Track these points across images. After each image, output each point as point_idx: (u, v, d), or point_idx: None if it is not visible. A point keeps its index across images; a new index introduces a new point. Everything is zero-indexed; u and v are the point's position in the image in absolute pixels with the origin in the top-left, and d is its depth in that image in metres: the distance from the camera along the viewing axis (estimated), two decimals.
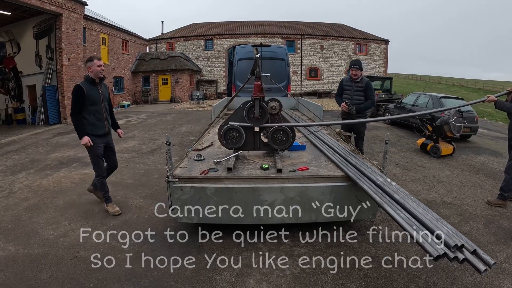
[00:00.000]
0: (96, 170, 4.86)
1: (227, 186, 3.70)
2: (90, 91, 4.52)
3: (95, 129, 4.65)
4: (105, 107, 4.78)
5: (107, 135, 4.91)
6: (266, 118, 4.37)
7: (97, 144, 4.68)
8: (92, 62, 4.52)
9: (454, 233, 2.62)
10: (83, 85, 4.49)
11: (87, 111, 4.56)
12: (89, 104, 4.54)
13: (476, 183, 6.36)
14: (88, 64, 4.57)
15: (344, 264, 3.49)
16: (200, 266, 3.48)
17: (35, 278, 3.30)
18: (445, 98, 11.81)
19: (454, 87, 52.69)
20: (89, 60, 4.59)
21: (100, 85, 4.70)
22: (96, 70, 4.53)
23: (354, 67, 5.92)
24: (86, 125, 4.60)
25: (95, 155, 4.75)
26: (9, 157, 8.72)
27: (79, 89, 4.46)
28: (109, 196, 4.96)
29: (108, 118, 4.88)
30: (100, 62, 4.59)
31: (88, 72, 4.60)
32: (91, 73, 4.54)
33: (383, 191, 3.36)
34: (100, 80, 4.67)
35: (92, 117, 4.61)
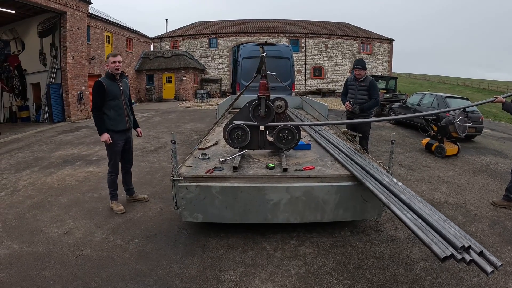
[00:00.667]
0: (110, 166, 4.86)
1: (232, 185, 3.69)
2: (110, 87, 4.56)
3: (115, 124, 4.67)
4: (125, 103, 4.79)
5: (128, 130, 4.93)
6: (272, 117, 4.35)
7: (116, 141, 4.72)
8: (108, 59, 4.61)
9: (461, 234, 2.60)
10: (103, 81, 4.54)
11: (108, 106, 4.59)
12: (110, 99, 4.57)
13: (481, 184, 6.32)
14: (106, 61, 4.66)
15: (350, 264, 3.48)
16: (205, 265, 3.47)
17: (39, 276, 3.29)
18: (450, 98, 11.75)
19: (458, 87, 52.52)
20: (107, 56, 4.67)
21: (121, 80, 4.73)
22: (111, 67, 4.57)
23: (357, 67, 5.90)
24: (106, 121, 4.63)
25: (113, 152, 4.79)
26: (13, 155, 8.75)
27: (99, 85, 4.51)
28: (115, 194, 4.96)
29: (129, 114, 4.90)
30: (115, 58, 4.60)
31: (106, 67, 4.70)
32: (110, 69, 4.61)
33: (389, 191, 3.34)
34: (120, 75, 4.72)
35: (112, 112, 4.63)
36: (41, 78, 16.11)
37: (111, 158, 4.83)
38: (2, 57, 17.19)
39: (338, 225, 4.30)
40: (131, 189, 5.24)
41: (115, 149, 4.77)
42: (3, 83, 17.30)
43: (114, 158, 4.83)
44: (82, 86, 16.40)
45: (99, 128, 4.62)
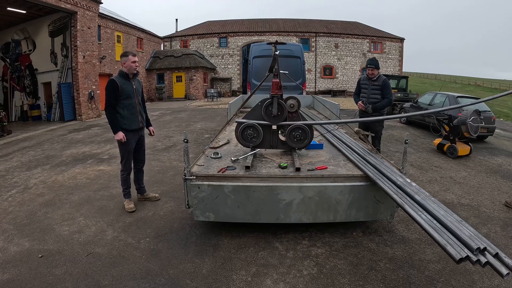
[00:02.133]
0: (123, 165, 4.85)
1: (245, 184, 3.67)
2: (124, 86, 4.54)
3: (128, 123, 4.66)
4: (139, 102, 4.78)
5: (141, 130, 4.92)
6: (284, 116, 4.32)
7: (129, 140, 4.70)
8: (126, 58, 4.54)
9: (476, 236, 2.56)
10: (116, 80, 4.51)
11: (121, 105, 4.58)
12: (123, 98, 4.56)
13: (493, 185, 6.23)
14: (123, 59, 4.59)
15: (362, 265, 3.44)
16: (216, 265, 3.46)
17: (50, 274, 3.30)
18: (461, 98, 11.62)
19: (470, 86, 51.99)
20: (124, 55, 4.60)
21: (134, 80, 4.71)
22: (130, 66, 4.56)
23: (370, 67, 5.87)
24: (120, 120, 4.62)
25: (126, 150, 4.77)
26: (25, 153, 8.82)
27: (113, 83, 4.48)
28: (128, 192, 4.96)
29: (142, 113, 4.89)
30: (135, 58, 4.60)
31: (122, 67, 4.61)
32: (125, 68, 4.57)
33: (403, 191, 3.30)
34: (134, 75, 4.69)
35: (125, 112, 4.61)
36: (52, 77, 16.25)
37: (124, 157, 4.82)
38: (14, 57, 17.37)
39: (350, 225, 4.26)
40: (142, 188, 5.21)
41: (128, 148, 4.76)
42: (14, 82, 17.52)
43: (127, 157, 4.81)
44: (93, 85, 16.52)
45: (113, 127, 4.60)
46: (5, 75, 17.79)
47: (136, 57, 4.65)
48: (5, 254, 3.68)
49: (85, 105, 15.89)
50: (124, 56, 4.59)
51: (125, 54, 4.60)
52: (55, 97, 16.00)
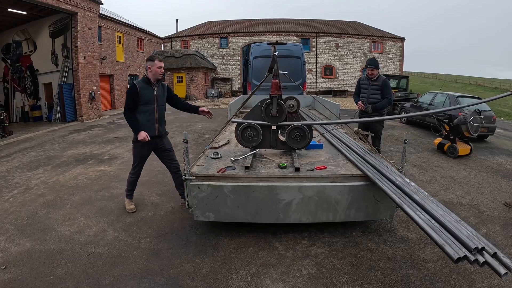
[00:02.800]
0: (133, 168, 4.78)
1: (244, 184, 3.68)
2: (144, 91, 4.35)
3: (144, 130, 4.42)
4: (158, 109, 4.54)
5: (157, 138, 4.64)
6: (284, 116, 4.33)
7: (144, 145, 4.51)
8: (153, 62, 4.36)
9: (474, 235, 2.57)
10: (137, 84, 4.34)
11: (139, 110, 4.42)
12: (142, 103, 4.39)
13: (493, 185, 6.23)
14: (149, 63, 4.39)
15: (361, 265, 3.45)
16: (216, 265, 3.47)
17: (51, 274, 3.32)
18: (462, 97, 11.61)
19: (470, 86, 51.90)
20: (150, 59, 4.41)
21: (157, 85, 4.50)
22: (156, 72, 4.38)
23: (370, 67, 5.88)
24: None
25: (139, 155, 4.67)
26: (26, 154, 8.84)
27: (133, 88, 4.34)
28: (131, 194, 4.94)
29: (161, 121, 4.66)
30: (161, 63, 4.44)
31: (147, 71, 4.42)
32: (150, 73, 4.38)
33: (402, 191, 3.31)
34: (158, 80, 4.48)
35: (142, 117, 4.43)
36: (53, 78, 16.29)
37: (135, 161, 4.73)
38: (14, 58, 17.42)
39: (350, 225, 4.28)
40: None
41: (141, 153, 4.65)
42: (15, 83, 17.56)
43: (139, 161, 4.71)
44: (94, 86, 16.55)
45: (134, 128, 4.44)
46: (6, 76, 17.83)
47: (163, 62, 4.50)
48: (6, 254, 3.70)
49: (86, 105, 15.92)
50: (150, 61, 4.39)
51: (152, 58, 4.42)
52: (56, 98, 16.02)
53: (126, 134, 11.54)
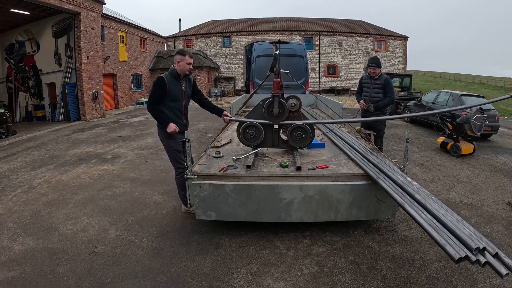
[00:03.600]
0: (176, 166, 4.45)
1: (246, 183, 3.68)
2: (172, 86, 4.17)
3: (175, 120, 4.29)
4: (185, 104, 4.43)
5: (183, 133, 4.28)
6: (286, 115, 4.32)
7: (177, 139, 4.35)
8: (183, 57, 4.16)
9: (476, 235, 2.55)
10: (166, 78, 4.14)
11: (167, 106, 4.23)
12: (170, 99, 4.22)
13: (496, 184, 6.20)
14: (178, 57, 4.18)
15: (363, 264, 3.45)
16: (217, 263, 3.48)
17: (53, 272, 3.34)
18: (465, 96, 11.56)
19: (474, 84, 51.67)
20: (181, 53, 4.20)
21: (184, 80, 4.33)
22: (184, 67, 4.18)
23: (372, 65, 5.87)
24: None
25: (174, 150, 4.39)
26: (29, 153, 8.90)
27: (161, 81, 4.13)
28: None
29: (187, 116, 4.56)
30: (191, 60, 4.23)
31: (175, 64, 4.22)
32: (178, 67, 4.19)
33: (404, 190, 3.30)
34: (185, 75, 4.29)
35: (171, 113, 4.27)
36: (56, 77, 16.37)
37: (173, 157, 4.42)
38: (18, 58, 17.48)
39: (351, 224, 4.27)
40: None
41: (176, 147, 4.38)
42: (19, 83, 17.63)
43: (177, 155, 4.40)
44: (97, 85, 16.60)
45: (162, 120, 4.24)
46: (9, 76, 17.92)
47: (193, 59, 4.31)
48: (9, 252, 3.72)
49: (89, 105, 15.97)
50: (181, 54, 4.18)
51: (183, 52, 4.21)
52: (59, 98, 16.10)
53: (129, 134, 11.58)
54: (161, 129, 4.33)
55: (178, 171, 4.43)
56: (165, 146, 4.48)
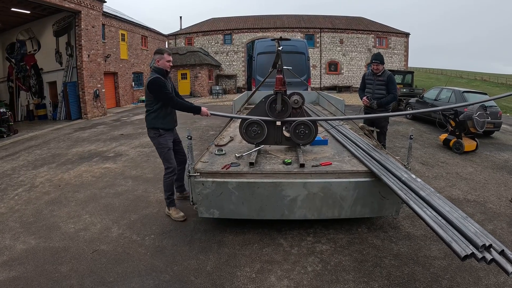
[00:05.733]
0: (166, 165, 4.43)
1: (249, 181, 3.66)
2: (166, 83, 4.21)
3: (166, 122, 4.34)
4: None
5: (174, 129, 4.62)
6: (288, 112, 4.30)
7: (167, 138, 4.39)
8: (162, 55, 4.21)
9: (481, 233, 2.53)
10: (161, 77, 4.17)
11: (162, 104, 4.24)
12: None
13: (500, 181, 6.16)
14: (157, 56, 4.24)
15: (367, 262, 3.43)
16: (221, 262, 3.46)
17: (55, 271, 3.33)
18: (468, 93, 11.51)
19: (476, 81, 51.50)
20: (159, 52, 4.26)
21: (168, 78, 4.38)
22: (165, 65, 4.23)
23: (375, 62, 5.82)
24: (157, 119, 4.30)
25: (166, 150, 4.39)
26: (31, 152, 8.89)
27: (160, 80, 4.12)
28: (173, 199, 4.63)
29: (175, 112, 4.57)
30: (170, 57, 4.31)
31: (155, 64, 4.27)
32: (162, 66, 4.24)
33: (408, 187, 3.27)
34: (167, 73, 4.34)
35: (164, 110, 4.29)
36: (57, 76, 16.36)
37: (165, 157, 4.40)
38: (19, 57, 17.48)
39: (355, 221, 4.24)
40: (182, 186, 5.01)
41: (167, 146, 4.40)
42: (20, 82, 17.64)
43: (168, 154, 4.41)
44: (98, 84, 16.58)
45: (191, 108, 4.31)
46: (10, 75, 17.93)
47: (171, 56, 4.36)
48: (12, 252, 3.71)
49: (90, 103, 15.95)
50: (159, 53, 4.24)
51: (161, 51, 4.27)
52: (61, 96, 16.09)
53: (130, 132, 11.56)
54: (151, 129, 4.39)
55: (167, 171, 4.45)
56: (156, 144, 4.48)
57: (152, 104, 4.27)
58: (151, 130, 4.39)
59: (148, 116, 4.36)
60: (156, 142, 4.43)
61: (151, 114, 4.31)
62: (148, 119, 4.37)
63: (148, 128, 4.43)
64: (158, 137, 4.36)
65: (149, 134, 4.47)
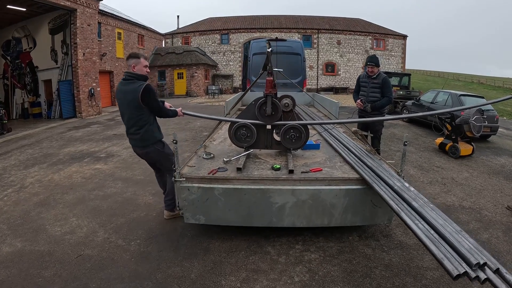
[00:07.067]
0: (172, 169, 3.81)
1: (235, 187, 3.54)
2: None
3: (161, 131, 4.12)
4: None
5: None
6: (279, 115, 4.18)
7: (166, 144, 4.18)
8: (138, 60, 3.84)
9: (476, 249, 2.41)
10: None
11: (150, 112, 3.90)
12: None
13: (496, 187, 6.08)
14: (133, 61, 3.83)
15: (356, 272, 3.32)
16: (205, 269, 3.37)
17: (39, 276, 3.26)
18: (464, 96, 11.44)
19: (473, 84, 51.45)
20: (134, 57, 3.87)
21: None
22: (142, 71, 3.86)
23: (370, 64, 5.72)
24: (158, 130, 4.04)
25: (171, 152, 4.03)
26: (23, 151, 8.81)
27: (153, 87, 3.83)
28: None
29: None
30: (147, 62, 3.97)
31: (131, 69, 3.84)
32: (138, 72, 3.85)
33: (400, 197, 3.15)
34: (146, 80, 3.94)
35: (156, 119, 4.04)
36: (52, 74, 16.25)
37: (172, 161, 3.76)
38: (14, 54, 17.38)
39: (346, 229, 4.13)
40: None
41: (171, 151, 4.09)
42: (15, 80, 17.53)
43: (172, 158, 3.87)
44: (93, 83, 16.47)
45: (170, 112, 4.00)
46: (6, 72, 17.82)
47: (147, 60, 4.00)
48: None
49: (85, 102, 15.84)
50: (134, 58, 3.86)
51: (137, 55, 3.90)
52: (56, 95, 15.99)
53: (123, 132, 11.40)
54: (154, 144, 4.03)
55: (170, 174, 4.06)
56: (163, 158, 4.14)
57: (146, 116, 3.86)
58: (154, 145, 4.03)
59: (146, 132, 3.91)
60: (164, 155, 4.12)
61: (150, 128, 3.93)
62: (148, 135, 3.94)
63: (150, 145, 4.01)
64: (163, 148, 4.12)
65: (152, 152, 4.07)
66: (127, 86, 3.80)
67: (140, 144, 4.02)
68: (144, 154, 4.16)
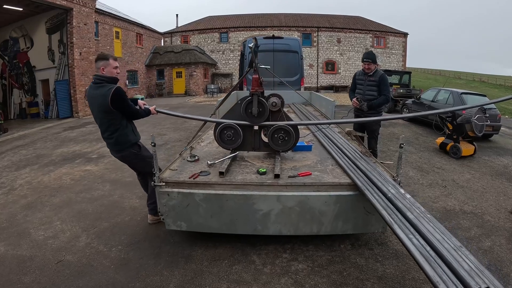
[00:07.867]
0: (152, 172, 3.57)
1: (217, 192, 3.33)
2: None
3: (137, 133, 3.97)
4: None
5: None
6: (266, 115, 3.96)
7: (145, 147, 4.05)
8: (107, 61, 3.62)
9: (477, 269, 2.11)
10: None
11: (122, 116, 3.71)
12: None
13: (499, 189, 5.84)
14: (102, 63, 3.62)
15: (346, 286, 3.08)
16: (185, 279, 3.17)
17: (19, 282, 3.18)
18: (466, 94, 11.20)
19: (474, 82, 51.06)
20: (103, 58, 3.65)
21: None
22: (112, 73, 3.66)
23: (367, 61, 5.48)
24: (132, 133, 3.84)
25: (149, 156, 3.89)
26: (17, 152, 8.71)
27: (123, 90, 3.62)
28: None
29: None
30: (117, 63, 3.73)
31: (101, 72, 3.63)
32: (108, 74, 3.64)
33: (394, 206, 2.88)
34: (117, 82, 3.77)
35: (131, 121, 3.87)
36: (49, 74, 16.13)
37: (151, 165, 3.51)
38: (12, 54, 17.30)
39: (338, 237, 3.86)
40: None
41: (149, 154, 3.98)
42: (13, 80, 17.47)
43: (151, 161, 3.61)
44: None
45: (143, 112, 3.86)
46: (3, 72, 17.74)
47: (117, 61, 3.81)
48: None
49: (81, 102, 15.67)
50: (103, 60, 3.64)
51: (105, 57, 3.67)
52: (53, 94, 15.90)
53: None
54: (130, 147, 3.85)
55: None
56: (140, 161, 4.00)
57: (118, 120, 3.68)
58: (130, 148, 3.86)
59: (120, 136, 3.74)
60: (141, 158, 3.96)
61: (124, 131, 3.75)
62: (122, 138, 3.76)
63: (125, 149, 3.84)
64: (140, 151, 3.94)
65: (128, 155, 3.91)
66: (96, 90, 3.61)
67: (115, 148, 3.85)
68: (121, 158, 3.98)
